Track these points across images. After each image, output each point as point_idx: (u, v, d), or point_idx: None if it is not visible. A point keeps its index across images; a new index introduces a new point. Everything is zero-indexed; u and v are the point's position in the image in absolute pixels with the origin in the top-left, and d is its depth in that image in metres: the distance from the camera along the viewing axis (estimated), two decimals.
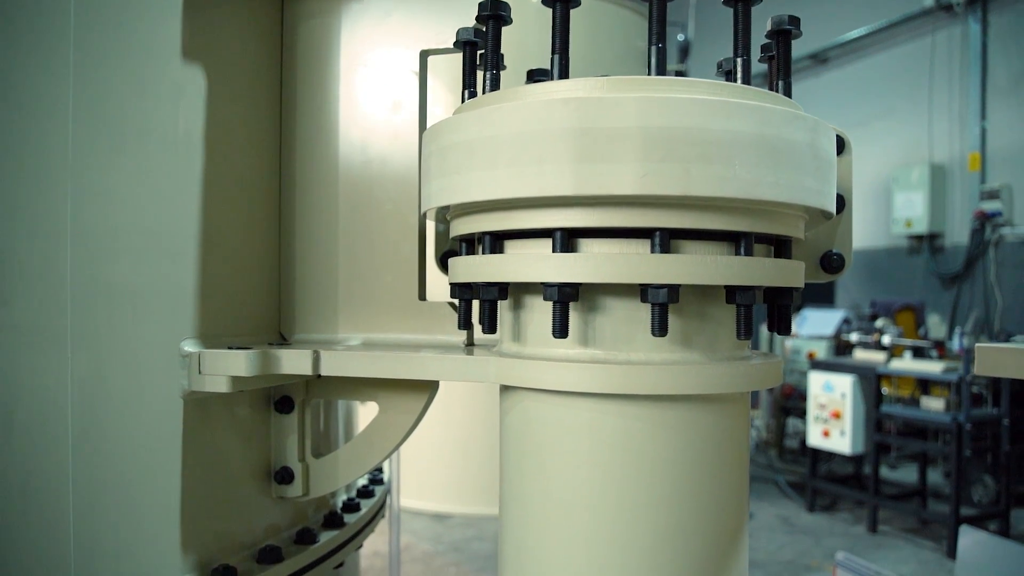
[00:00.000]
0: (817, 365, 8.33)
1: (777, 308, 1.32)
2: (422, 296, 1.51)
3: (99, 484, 1.29)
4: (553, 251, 1.16)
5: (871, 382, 7.57)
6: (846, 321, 9.46)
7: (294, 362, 1.36)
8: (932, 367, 7.30)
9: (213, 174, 1.41)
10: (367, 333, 1.52)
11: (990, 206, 10.66)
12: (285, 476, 1.56)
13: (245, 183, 1.51)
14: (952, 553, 6.45)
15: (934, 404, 7.15)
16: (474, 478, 7.75)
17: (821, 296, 11.53)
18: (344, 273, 1.53)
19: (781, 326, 1.34)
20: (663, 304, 1.13)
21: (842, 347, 9.13)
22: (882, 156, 11.92)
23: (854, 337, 8.69)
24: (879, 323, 8.71)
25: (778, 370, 1.31)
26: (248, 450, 1.53)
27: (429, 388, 1.51)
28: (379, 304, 1.51)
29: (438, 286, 1.54)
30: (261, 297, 1.54)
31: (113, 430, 1.31)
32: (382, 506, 2.02)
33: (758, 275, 1.17)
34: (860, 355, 8.11)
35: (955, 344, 8.93)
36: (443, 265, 1.56)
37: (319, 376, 1.56)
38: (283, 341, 1.58)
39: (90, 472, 1.28)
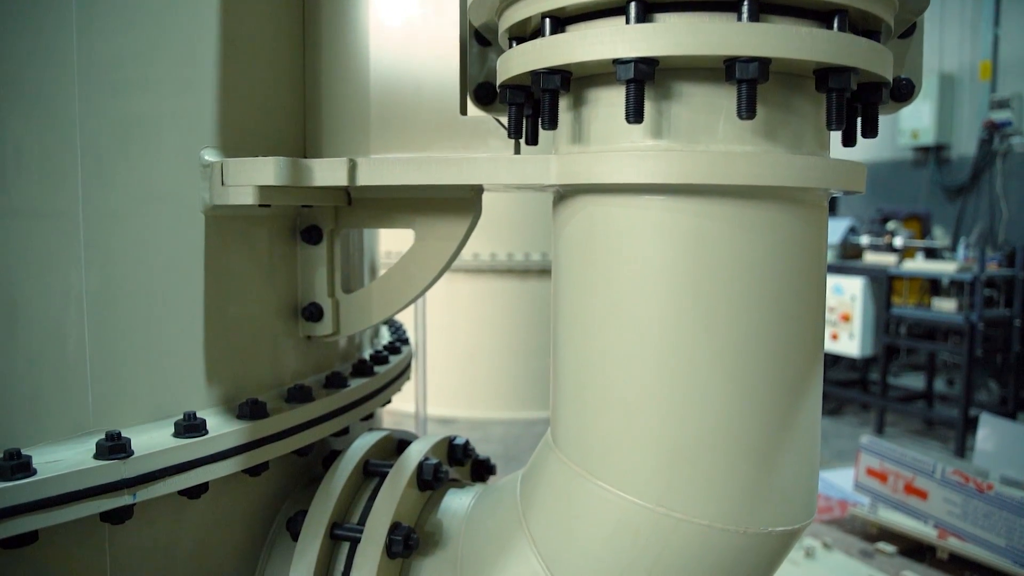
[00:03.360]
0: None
1: (865, 107, 1.20)
2: (463, 110, 1.37)
3: (117, 317, 1.17)
4: (627, 24, 1.02)
5: (882, 284, 7.50)
6: (852, 230, 9.35)
7: (327, 172, 1.22)
8: (946, 267, 7.22)
9: None
10: (402, 153, 1.38)
11: (999, 116, 10.47)
12: (314, 313, 1.45)
13: None
14: (960, 452, 6.46)
15: (946, 305, 7.09)
16: (480, 384, 7.72)
17: None
18: (376, 86, 1.38)
19: (867, 128, 1.22)
20: (752, 81, 1.00)
21: (848, 255, 9.03)
22: None
23: (864, 240, 8.58)
24: (890, 225, 8.60)
25: (863, 175, 1.19)
26: (273, 285, 1.41)
27: (471, 211, 1.38)
28: (415, 120, 1.37)
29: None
30: (285, 115, 1.40)
31: (131, 259, 1.19)
32: (408, 365, 1.92)
33: (854, 55, 1.04)
34: (871, 257, 8.03)
35: (959, 255, 8.86)
36: (478, 98, 1.42)
37: (349, 203, 1.44)
38: None
39: (107, 305, 1.16)
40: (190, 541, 1.28)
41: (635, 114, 1.02)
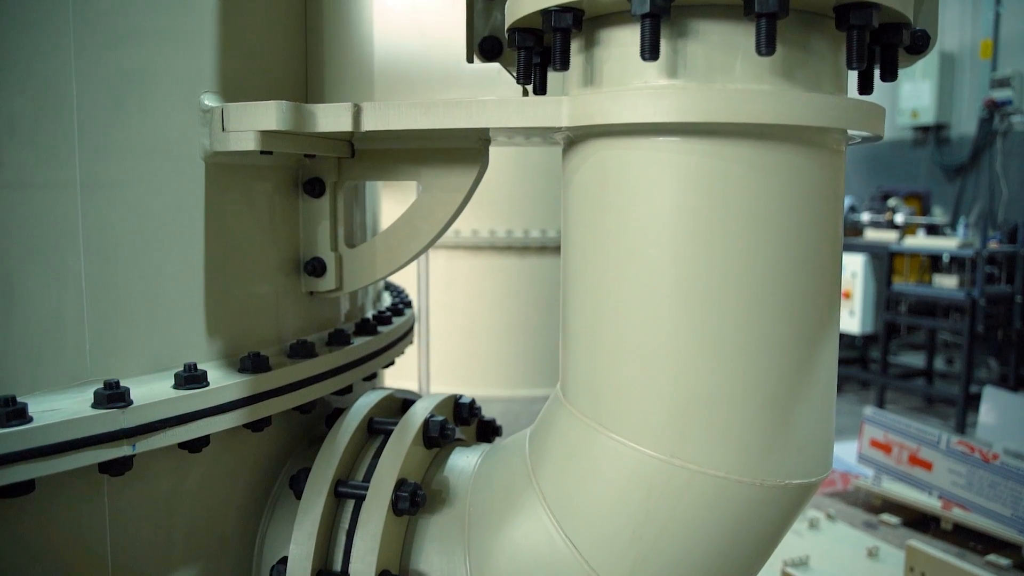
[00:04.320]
0: None
1: (884, 50, 1.16)
2: (470, 58, 1.34)
3: (115, 267, 1.14)
4: None
5: (883, 261, 7.48)
6: (852, 208, 9.31)
7: (331, 117, 1.19)
8: (947, 243, 7.19)
9: None
10: None
11: (1000, 94, 10.41)
12: (316, 267, 1.41)
13: None
14: (961, 429, 6.46)
15: (947, 281, 7.07)
16: (479, 362, 7.67)
17: None
18: (380, 35, 1.35)
19: (886, 71, 1.18)
20: (772, 15, 0.96)
21: (848, 233, 9.00)
22: None
23: (865, 217, 8.55)
24: (891, 202, 8.57)
25: (882, 117, 1.15)
26: (274, 238, 1.38)
27: (478, 162, 1.35)
28: (420, 70, 1.34)
29: None
30: (286, 65, 1.36)
31: (130, 209, 1.15)
32: (411, 329, 1.89)
33: None
34: (871, 234, 8.00)
35: (959, 234, 8.83)
36: (483, 52, 1.39)
37: (353, 155, 1.40)
38: None
39: (105, 255, 1.13)
40: (191, 497, 1.25)
41: (651, 50, 0.99)
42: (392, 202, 2.27)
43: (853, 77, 1.19)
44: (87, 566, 1.12)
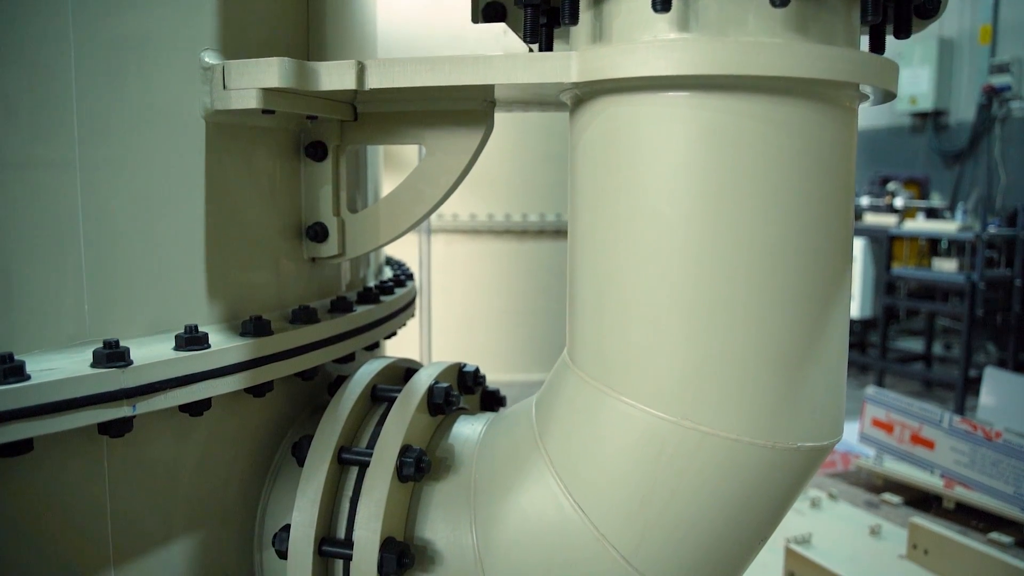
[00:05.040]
0: None
1: (897, 7, 1.14)
2: (475, 19, 1.31)
3: (114, 226, 1.12)
4: None
5: (882, 245, 7.46)
6: None
7: (334, 75, 1.16)
8: (947, 226, 7.18)
9: None
10: None
11: (999, 80, 10.38)
12: (319, 232, 1.39)
13: None
14: (960, 412, 6.45)
15: (946, 265, 7.06)
16: (477, 346, 7.66)
17: None
18: None
19: (900, 28, 1.16)
20: None
21: None
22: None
23: (864, 201, 8.53)
24: (891, 186, 8.55)
25: (896, 74, 1.13)
26: (275, 202, 1.35)
27: (483, 124, 1.33)
28: (424, 33, 1.32)
29: None
30: (287, 26, 1.34)
31: (129, 168, 1.13)
32: (412, 301, 1.87)
33: None
34: (871, 218, 7.98)
35: (958, 220, 8.82)
36: (487, 17, 1.36)
37: (355, 119, 1.38)
38: None
39: (103, 214, 1.10)
40: (192, 462, 1.23)
41: (663, 2, 0.97)
42: (391, 184, 2.26)
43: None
44: (87, 529, 1.10)
